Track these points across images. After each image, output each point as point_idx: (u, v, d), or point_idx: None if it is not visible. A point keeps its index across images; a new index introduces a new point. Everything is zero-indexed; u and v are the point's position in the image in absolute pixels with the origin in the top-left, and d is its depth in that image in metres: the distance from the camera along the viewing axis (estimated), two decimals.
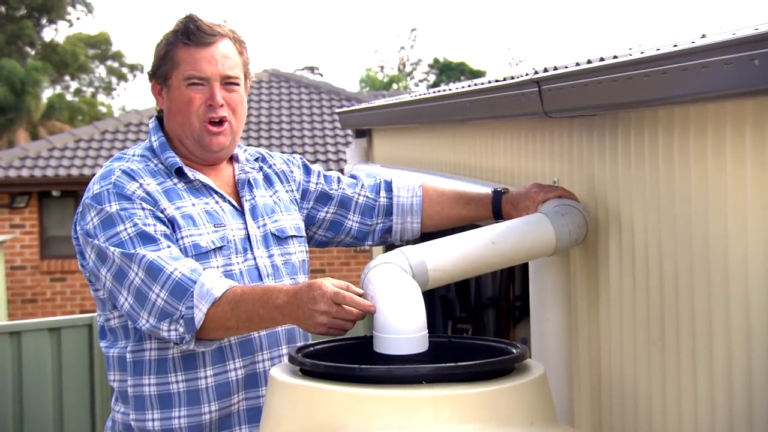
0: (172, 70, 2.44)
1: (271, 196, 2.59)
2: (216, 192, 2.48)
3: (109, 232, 2.32)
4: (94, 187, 2.39)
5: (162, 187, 2.41)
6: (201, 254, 2.36)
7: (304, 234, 2.63)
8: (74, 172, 14.06)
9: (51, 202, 14.40)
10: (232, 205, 2.49)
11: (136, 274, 2.27)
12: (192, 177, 2.45)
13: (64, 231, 14.42)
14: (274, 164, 2.68)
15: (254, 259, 2.45)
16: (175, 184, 2.43)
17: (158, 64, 2.48)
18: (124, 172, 2.39)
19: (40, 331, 5.99)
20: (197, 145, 2.46)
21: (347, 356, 2.05)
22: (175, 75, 2.44)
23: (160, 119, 2.54)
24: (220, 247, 2.39)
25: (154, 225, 2.32)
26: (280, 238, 2.53)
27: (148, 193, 2.36)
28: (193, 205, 2.42)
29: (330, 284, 2.10)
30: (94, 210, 2.35)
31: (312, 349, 2.14)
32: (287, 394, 1.95)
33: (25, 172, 14.02)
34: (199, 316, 2.21)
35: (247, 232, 2.46)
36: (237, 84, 2.47)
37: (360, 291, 2.11)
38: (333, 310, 2.07)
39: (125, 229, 2.31)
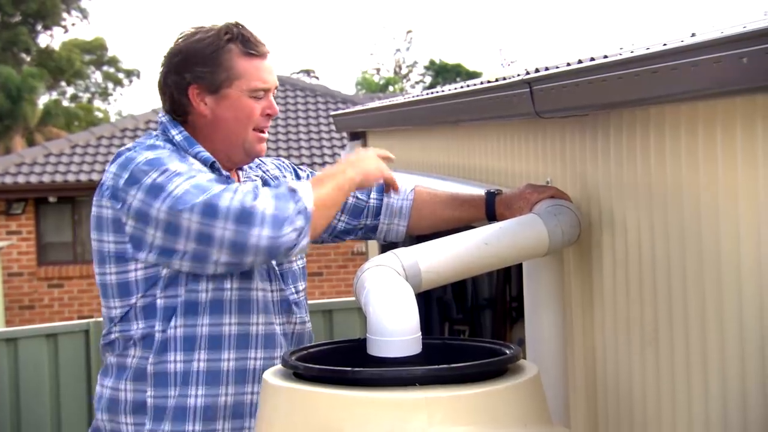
0: (231, 79, 2.39)
1: None
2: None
3: (185, 173, 2.24)
4: (145, 154, 2.30)
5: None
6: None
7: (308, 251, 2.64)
8: (70, 178, 14.06)
9: (47, 209, 14.39)
10: None
11: (232, 198, 2.18)
12: (223, 173, 2.43)
13: (61, 237, 14.43)
14: (268, 170, 2.68)
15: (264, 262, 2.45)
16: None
17: (209, 71, 2.39)
18: (170, 150, 2.36)
19: (36, 338, 5.98)
20: (243, 152, 2.46)
21: (341, 359, 2.05)
22: (237, 85, 2.40)
23: (174, 117, 2.47)
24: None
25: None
26: None
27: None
28: None
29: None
30: (155, 171, 2.24)
31: (305, 352, 2.14)
32: (280, 397, 1.95)
33: (21, 179, 14.01)
34: (310, 203, 2.19)
35: None
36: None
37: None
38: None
39: (202, 172, 2.28)
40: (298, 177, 2.72)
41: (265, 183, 2.62)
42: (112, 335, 2.42)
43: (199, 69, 2.40)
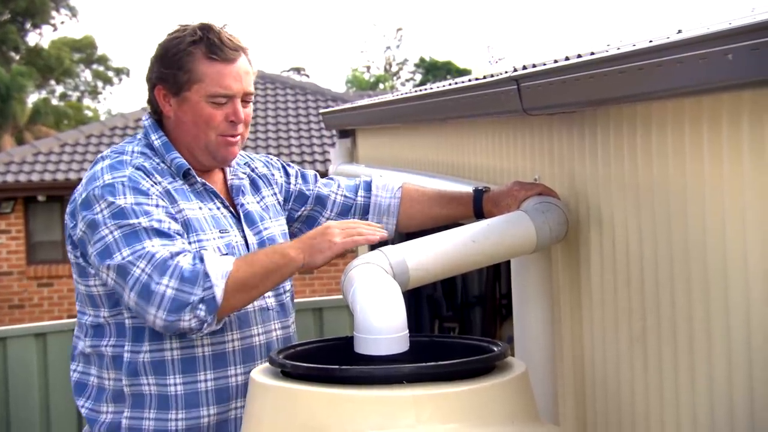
0: (191, 83, 2.35)
1: (258, 203, 2.57)
2: (217, 197, 2.45)
3: (120, 222, 2.23)
4: (105, 177, 2.29)
5: (172, 186, 2.37)
6: None
7: (290, 239, 2.63)
8: (60, 176, 14.02)
9: (37, 207, 14.35)
10: (231, 212, 2.47)
11: (143, 270, 2.19)
12: (197, 180, 2.41)
13: (50, 236, 14.38)
14: (257, 168, 2.66)
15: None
16: (181, 185, 2.39)
17: (171, 72, 2.37)
18: (137, 167, 2.33)
19: (25, 337, 5.95)
20: (210, 157, 2.42)
21: (328, 357, 2.05)
22: (196, 89, 2.35)
23: (153, 114, 2.47)
24: (225, 254, 2.35)
25: (169, 223, 2.26)
26: None
27: (166, 191, 2.33)
28: (200, 208, 2.39)
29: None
30: (104, 201, 2.25)
31: (293, 350, 2.13)
32: (268, 396, 1.94)
33: (10, 178, 13.97)
34: (219, 292, 2.15)
35: (246, 239, 2.45)
36: (251, 99, 2.44)
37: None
38: (343, 226, 2.27)
39: (139, 223, 2.22)
40: (287, 174, 2.71)
41: (253, 182, 2.61)
42: (81, 347, 2.44)
43: (164, 70, 2.39)
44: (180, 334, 2.29)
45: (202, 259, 2.19)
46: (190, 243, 2.31)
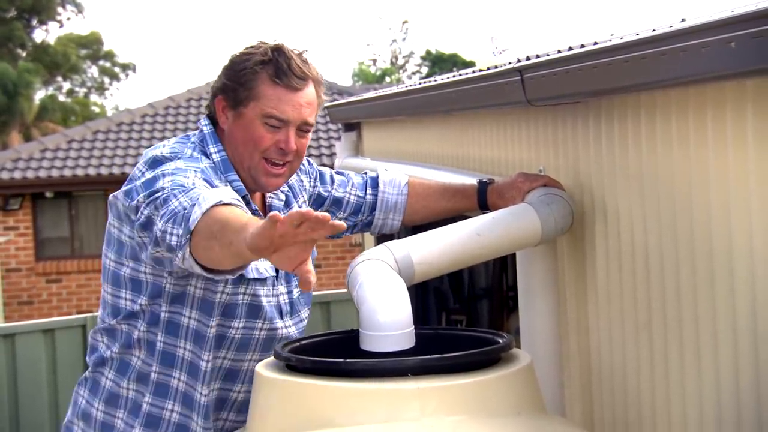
0: (250, 99, 2.33)
1: None
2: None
3: (177, 174, 2.17)
4: (177, 163, 2.24)
5: None
6: (257, 279, 2.36)
7: (314, 255, 2.62)
8: (67, 173, 14.04)
9: (44, 204, 14.38)
10: None
11: (173, 191, 2.11)
12: (252, 206, 2.37)
13: (58, 232, 14.41)
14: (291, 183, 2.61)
15: (277, 296, 2.44)
16: None
17: (234, 86, 2.35)
18: (210, 166, 2.31)
19: (33, 333, 5.98)
20: (251, 179, 2.37)
21: (333, 351, 2.04)
22: (253, 106, 2.32)
23: (211, 120, 2.43)
24: (256, 279, 2.36)
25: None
26: None
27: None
28: None
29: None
30: (171, 162, 2.23)
31: (298, 344, 2.13)
32: (273, 389, 1.94)
33: (17, 174, 13.99)
34: (196, 214, 1.98)
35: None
36: (310, 130, 2.40)
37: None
38: (292, 231, 1.78)
39: (194, 181, 2.16)
40: (310, 178, 2.68)
41: (287, 199, 2.56)
42: (116, 325, 2.43)
43: (227, 82, 2.37)
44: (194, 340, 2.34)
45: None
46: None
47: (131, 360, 2.40)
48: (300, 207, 2.59)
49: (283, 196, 2.54)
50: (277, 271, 2.43)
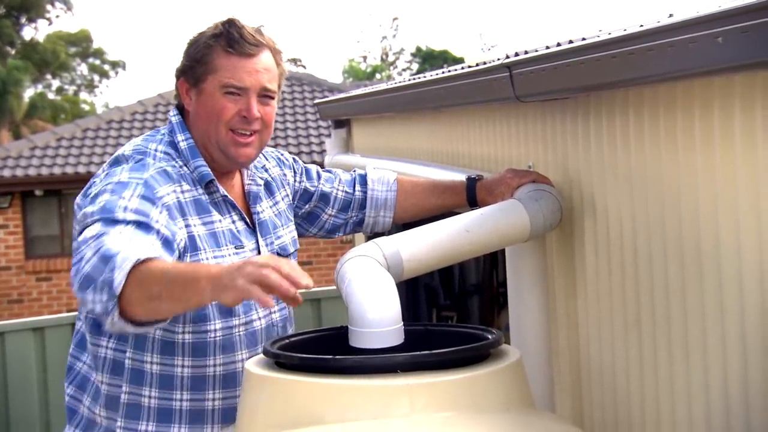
0: (207, 74, 2.34)
1: (272, 207, 2.54)
2: (234, 208, 2.40)
3: (109, 215, 2.07)
4: (122, 175, 2.20)
5: (191, 196, 2.31)
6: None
7: (298, 246, 2.62)
8: (56, 171, 14.01)
9: (34, 202, 14.34)
10: (245, 222, 2.43)
11: (94, 229, 2.04)
12: (219, 190, 2.37)
13: (48, 230, 14.38)
14: (270, 168, 2.62)
15: None
16: (201, 195, 2.34)
17: (191, 64, 2.36)
18: (159, 171, 2.26)
19: (23, 332, 5.96)
20: (221, 153, 2.36)
21: (323, 348, 2.04)
22: (211, 80, 2.33)
23: (180, 110, 2.44)
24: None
25: (158, 226, 2.11)
26: (283, 257, 2.49)
27: (178, 202, 2.25)
28: (220, 221, 2.34)
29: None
30: (110, 194, 2.14)
31: (287, 341, 2.13)
32: (262, 386, 1.94)
33: (6, 172, 13.95)
34: (119, 277, 1.90)
35: (259, 251, 2.42)
36: (273, 97, 2.39)
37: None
38: (262, 261, 1.86)
39: (124, 217, 2.07)
40: (295, 172, 2.68)
41: (268, 186, 2.56)
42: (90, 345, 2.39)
43: (186, 62, 2.39)
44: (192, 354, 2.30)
45: (127, 244, 1.99)
46: (207, 260, 2.26)
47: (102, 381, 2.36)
48: (282, 200, 2.59)
49: (261, 182, 2.52)
50: (258, 249, 2.41)
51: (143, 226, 2.08)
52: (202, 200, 2.33)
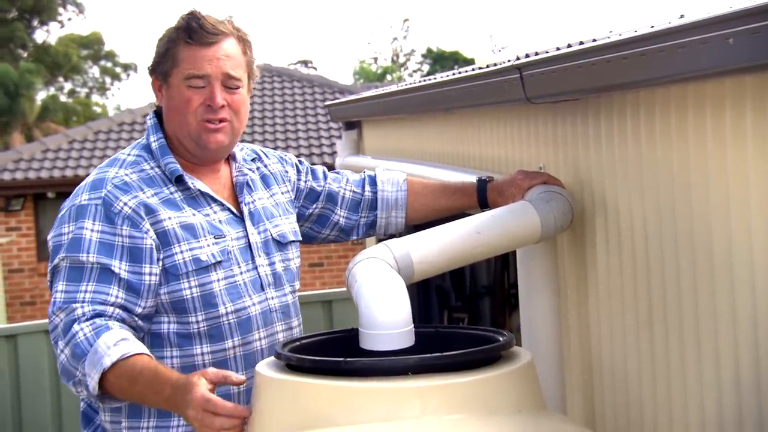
0: (172, 68, 2.37)
1: (269, 198, 2.54)
2: (214, 200, 2.42)
3: (72, 255, 2.26)
4: (82, 196, 2.32)
5: (159, 197, 2.34)
6: (201, 269, 2.32)
7: (300, 238, 2.61)
8: (68, 173, 14.04)
9: (46, 204, 14.37)
10: (231, 212, 2.43)
11: (61, 320, 2.22)
12: (191, 186, 2.39)
13: None
14: (270, 164, 2.63)
15: (256, 268, 2.41)
16: (172, 193, 2.36)
17: (158, 60, 2.40)
18: (116, 185, 2.32)
19: (35, 334, 5.97)
20: (195, 144, 2.39)
21: (334, 350, 2.04)
22: (175, 73, 2.36)
23: (158, 115, 2.47)
24: (220, 261, 2.34)
25: (120, 261, 2.26)
26: (281, 244, 2.50)
27: (143, 204, 2.30)
28: (193, 215, 2.36)
29: (203, 389, 1.98)
30: (72, 224, 2.30)
31: (298, 343, 2.13)
32: (274, 389, 1.94)
33: (19, 175, 13.99)
34: (92, 384, 2.13)
35: (248, 239, 2.42)
36: (239, 85, 2.40)
37: (229, 405, 1.97)
38: (199, 417, 1.96)
39: (87, 260, 2.25)
40: (299, 171, 2.68)
41: (264, 178, 2.58)
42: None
43: (155, 61, 2.43)
44: (179, 344, 2.33)
45: (93, 341, 2.15)
46: (181, 252, 2.30)
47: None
48: (282, 194, 2.60)
49: (250, 173, 2.53)
50: (249, 245, 2.42)
51: (106, 271, 2.25)
52: (173, 198, 2.36)
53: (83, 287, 2.24)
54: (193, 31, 2.35)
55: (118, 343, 2.14)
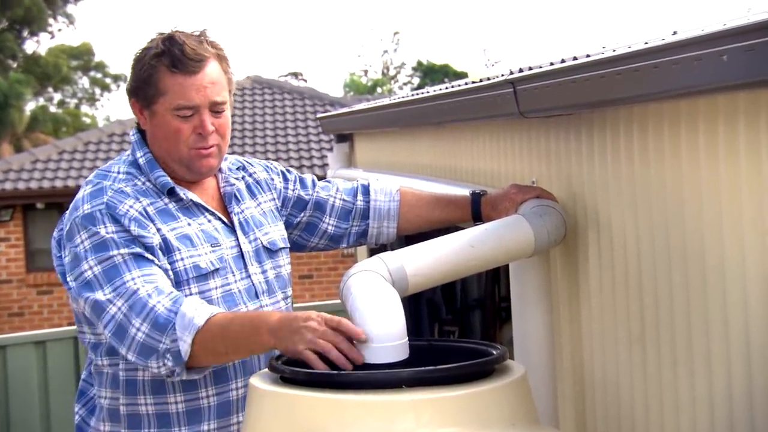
0: (157, 96, 2.35)
1: (256, 207, 2.56)
2: (207, 210, 2.44)
3: (101, 255, 2.26)
4: (85, 206, 2.32)
5: (155, 207, 2.35)
6: (201, 276, 2.33)
7: (289, 244, 2.62)
8: (58, 184, 14.02)
9: (36, 215, 14.35)
10: (223, 222, 2.45)
11: (119, 309, 2.22)
12: (183, 197, 2.40)
13: (49, 243, 14.28)
14: (255, 172, 2.64)
15: (249, 276, 2.43)
16: (166, 204, 2.38)
17: (139, 86, 2.38)
18: (116, 191, 2.33)
19: (25, 345, 5.96)
20: (186, 169, 2.40)
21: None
22: (161, 102, 2.34)
23: (141, 131, 2.47)
24: (218, 269, 2.35)
25: (142, 251, 2.27)
26: (272, 251, 2.51)
27: (144, 211, 2.32)
28: (189, 224, 2.37)
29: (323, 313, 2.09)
30: (85, 232, 2.28)
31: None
32: (267, 402, 1.94)
33: (8, 185, 13.97)
34: (184, 347, 2.16)
35: (240, 248, 2.44)
36: (224, 108, 2.40)
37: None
38: (322, 329, 2.02)
39: (120, 254, 2.25)
40: (286, 179, 2.69)
41: (249, 187, 2.60)
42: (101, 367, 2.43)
43: (134, 83, 2.41)
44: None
45: (177, 309, 2.18)
46: (182, 260, 2.31)
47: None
48: (268, 202, 2.61)
49: (236, 182, 2.54)
50: (242, 254, 2.43)
51: (140, 258, 2.26)
52: (168, 209, 2.38)
53: (129, 276, 2.24)
54: (177, 60, 2.33)
55: (202, 305, 2.20)
